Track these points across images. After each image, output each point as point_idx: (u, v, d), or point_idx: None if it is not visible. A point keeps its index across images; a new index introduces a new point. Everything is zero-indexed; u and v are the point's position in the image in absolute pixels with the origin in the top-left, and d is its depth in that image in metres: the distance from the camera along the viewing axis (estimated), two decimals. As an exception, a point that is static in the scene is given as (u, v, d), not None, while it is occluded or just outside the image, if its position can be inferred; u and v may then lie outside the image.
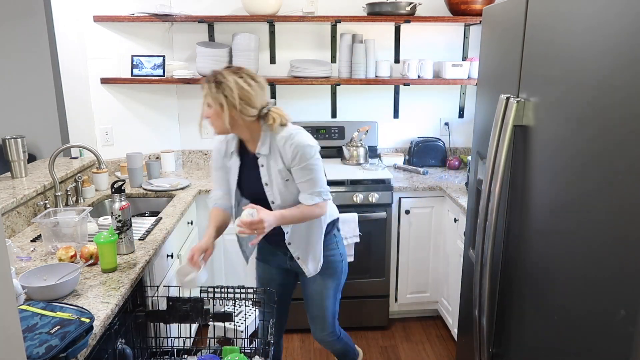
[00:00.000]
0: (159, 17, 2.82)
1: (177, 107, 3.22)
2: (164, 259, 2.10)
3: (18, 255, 1.78)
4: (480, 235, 1.55)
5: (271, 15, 2.87)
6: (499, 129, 1.44)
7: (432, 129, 3.35)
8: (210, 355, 1.59)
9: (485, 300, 1.54)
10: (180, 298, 1.76)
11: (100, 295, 1.52)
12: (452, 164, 3.17)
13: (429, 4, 3.07)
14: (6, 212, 1.96)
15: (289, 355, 2.70)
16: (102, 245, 1.65)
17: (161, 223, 2.18)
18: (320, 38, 3.16)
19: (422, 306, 3.03)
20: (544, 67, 1.28)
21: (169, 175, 3.04)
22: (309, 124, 3.20)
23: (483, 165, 1.68)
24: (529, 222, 1.37)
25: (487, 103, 1.69)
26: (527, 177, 1.37)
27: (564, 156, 1.19)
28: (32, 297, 1.45)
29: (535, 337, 1.34)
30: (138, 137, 3.09)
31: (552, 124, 1.24)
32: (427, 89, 3.27)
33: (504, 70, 1.53)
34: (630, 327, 0.96)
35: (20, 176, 2.34)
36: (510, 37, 1.49)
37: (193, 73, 2.97)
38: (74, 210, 1.97)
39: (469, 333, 1.83)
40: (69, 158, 2.81)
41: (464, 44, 3.22)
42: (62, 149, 2.25)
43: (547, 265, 1.27)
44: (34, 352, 1.15)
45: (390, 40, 3.19)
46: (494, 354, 1.62)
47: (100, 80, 2.88)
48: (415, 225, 2.85)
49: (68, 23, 2.75)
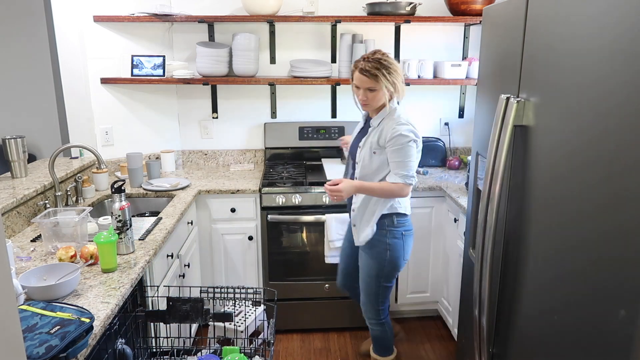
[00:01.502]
0: (159, 17, 2.82)
1: (177, 107, 3.22)
2: (164, 259, 2.10)
3: (18, 255, 1.78)
4: (480, 235, 1.55)
5: (271, 15, 2.87)
6: (499, 129, 1.44)
7: (432, 129, 3.35)
8: (210, 355, 1.59)
9: (485, 300, 1.54)
10: (180, 298, 1.76)
11: (100, 295, 1.52)
12: (452, 164, 3.17)
13: (429, 4, 3.07)
14: (6, 212, 1.96)
15: (289, 355, 2.70)
16: (102, 245, 1.65)
17: (161, 223, 2.18)
18: (320, 38, 3.16)
19: (422, 306, 3.03)
20: (544, 67, 1.28)
21: (169, 175, 3.04)
22: (309, 124, 3.20)
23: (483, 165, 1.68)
24: (529, 222, 1.37)
25: (487, 103, 1.69)
26: (527, 177, 1.37)
27: (564, 156, 1.19)
28: (32, 297, 1.45)
29: (535, 337, 1.34)
30: (138, 137, 3.09)
31: (552, 124, 1.24)
32: (427, 89, 3.27)
33: (504, 70, 1.53)
34: (630, 327, 0.96)
35: (20, 176, 2.34)
36: (510, 37, 1.48)
37: (193, 73, 2.97)
38: (74, 210, 1.97)
39: (469, 333, 1.83)
40: (69, 158, 2.81)
41: (463, 44, 3.21)
42: (62, 149, 2.25)
43: (547, 265, 1.27)
44: (34, 352, 1.15)
45: (390, 40, 3.19)
46: (494, 354, 1.62)
47: (100, 80, 2.88)
48: (415, 225, 2.83)
49: (68, 23, 2.75)
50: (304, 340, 2.83)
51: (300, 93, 3.24)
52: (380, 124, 2.07)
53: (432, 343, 2.83)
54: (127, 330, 1.65)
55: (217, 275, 2.84)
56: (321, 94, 3.26)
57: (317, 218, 2.70)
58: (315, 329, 2.92)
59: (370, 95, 2.02)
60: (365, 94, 2.02)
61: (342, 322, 2.93)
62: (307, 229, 2.75)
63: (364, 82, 1.99)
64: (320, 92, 3.26)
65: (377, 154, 2.07)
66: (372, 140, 2.07)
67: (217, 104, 3.23)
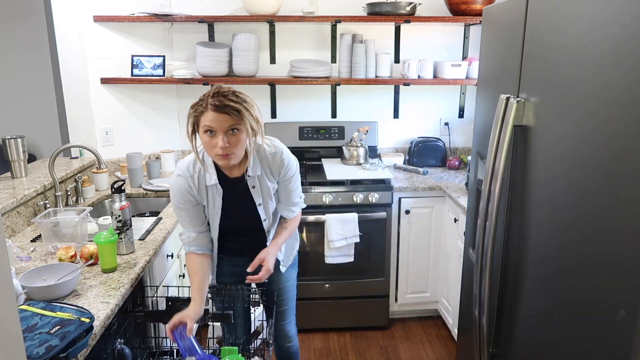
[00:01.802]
0: (159, 17, 2.82)
1: (177, 107, 3.22)
2: (164, 259, 2.10)
3: (18, 255, 1.78)
4: (480, 235, 1.54)
5: (271, 15, 2.87)
6: (499, 129, 1.44)
7: (432, 129, 3.35)
8: (209, 355, 1.59)
9: (485, 300, 1.54)
10: (179, 298, 1.76)
11: (100, 295, 1.52)
12: (452, 164, 3.17)
13: (429, 4, 3.07)
14: (6, 212, 1.95)
15: (289, 355, 2.70)
16: (102, 245, 1.65)
17: (161, 223, 2.18)
18: (320, 38, 3.16)
19: (422, 306, 3.03)
20: (544, 67, 1.28)
21: (169, 175, 3.03)
22: (309, 124, 3.20)
23: (483, 165, 1.68)
24: (529, 222, 1.37)
25: (487, 103, 1.69)
26: (527, 177, 1.37)
27: (564, 156, 1.19)
28: (32, 297, 1.45)
29: (535, 337, 1.34)
30: (138, 137, 3.09)
31: (552, 124, 1.24)
32: (427, 89, 3.27)
33: (504, 70, 1.53)
34: (630, 327, 0.96)
35: (20, 176, 2.34)
36: (510, 37, 1.48)
37: (193, 73, 2.97)
38: (74, 210, 1.97)
39: (469, 333, 1.83)
40: (69, 158, 2.81)
41: (464, 44, 3.21)
42: (62, 149, 2.25)
43: (547, 265, 1.27)
44: (34, 352, 1.15)
45: (390, 40, 3.19)
46: (494, 354, 1.62)
47: (100, 80, 2.88)
48: (415, 225, 2.85)
49: (68, 23, 2.75)
50: (304, 340, 2.83)
51: (300, 93, 3.24)
52: (262, 167, 1.70)
53: (432, 343, 2.83)
54: (127, 331, 1.65)
55: (217, 275, 2.83)
56: (321, 94, 3.26)
57: (317, 218, 2.70)
58: (315, 329, 2.92)
59: (232, 140, 1.52)
60: (226, 139, 1.51)
61: (342, 322, 2.93)
62: (307, 229, 2.75)
63: (223, 122, 1.50)
64: (320, 92, 3.26)
65: (275, 192, 1.79)
66: (268, 187, 1.73)
67: (217, 104, 3.23)
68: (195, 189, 1.68)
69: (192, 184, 1.67)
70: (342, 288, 2.84)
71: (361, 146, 3.05)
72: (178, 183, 1.67)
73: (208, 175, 1.67)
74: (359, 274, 2.82)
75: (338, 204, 2.71)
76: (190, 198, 1.69)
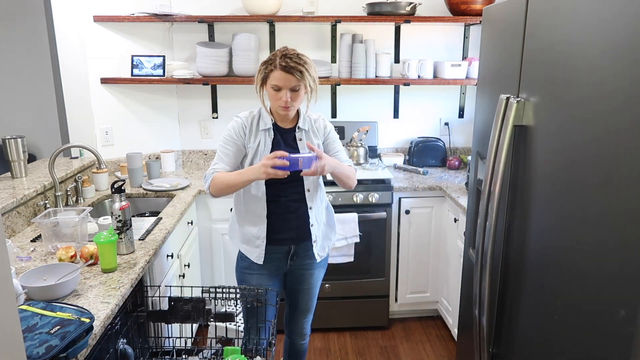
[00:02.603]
0: (159, 17, 2.82)
1: (177, 107, 3.22)
2: (164, 259, 2.10)
3: (18, 255, 1.78)
4: (480, 235, 1.55)
5: (271, 15, 2.87)
6: (499, 129, 1.44)
7: (432, 129, 3.35)
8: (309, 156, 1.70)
9: (485, 300, 1.54)
10: (181, 298, 1.76)
11: (100, 295, 1.52)
12: (452, 164, 3.17)
13: (429, 4, 3.07)
14: (6, 212, 1.96)
15: (289, 355, 2.70)
16: (102, 245, 1.65)
17: (161, 223, 2.18)
18: (320, 38, 3.16)
19: (422, 306, 3.03)
20: (544, 67, 1.28)
21: (169, 175, 3.04)
22: (309, 124, 3.20)
23: (483, 165, 1.68)
24: (529, 222, 1.37)
25: (487, 103, 1.69)
26: (527, 177, 1.37)
27: (564, 156, 1.19)
28: (32, 297, 1.45)
29: (536, 337, 1.34)
30: (138, 137, 3.09)
31: (552, 124, 1.24)
32: (427, 89, 3.27)
33: (504, 70, 1.53)
34: (630, 327, 0.96)
35: (20, 176, 2.34)
36: (510, 37, 1.48)
37: (193, 73, 2.97)
38: (74, 210, 1.97)
39: (469, 333, 1.83)
40: (69, 158, 2.81)
41: (463, 44, 3.21)
42: (62, 149, 2.25)
43: (547, 265, 1.27)
44: (34, 352, 1.15)
45: (390, 40, 3.19)
46: (494, 354, 1.62)
47: (100, 80, 2.88)
48: (415, 225, 2.85)
49: (68, 23, 2.75)
50: (304, 340, 2.83)
51: (300, 93, 3.24)
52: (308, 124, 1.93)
53: (432, 343, 2.83)
54: (129, 330, 1.65)
55: (217, 275, 2.84)
56: (321, 94, 3.26)
57: (317, 218, 2.69)
58: (315, 329, 2.92)
59: (293, 96, 1.79)
60: (289, 94, 1.78)
61: (342, 322, 2.93)
62: (307, 229, 2.75)
63: (288, 81, 1.76)
64: (320, 92, 3.23)
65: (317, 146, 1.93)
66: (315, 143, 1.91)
67: (217, 104, 3.23)
68: (248, 129, 1.88)
69: (246, 123, 1.88)
70: (342, 288, 2.84)
71: (361, 146, 3.05)
72: (235, 122, 1.90)
73: (262, 122, 1.89)
74: (359, 274, 2.82)
75: (338, 203, 2.71)
76: (239, 138, 1.87)
